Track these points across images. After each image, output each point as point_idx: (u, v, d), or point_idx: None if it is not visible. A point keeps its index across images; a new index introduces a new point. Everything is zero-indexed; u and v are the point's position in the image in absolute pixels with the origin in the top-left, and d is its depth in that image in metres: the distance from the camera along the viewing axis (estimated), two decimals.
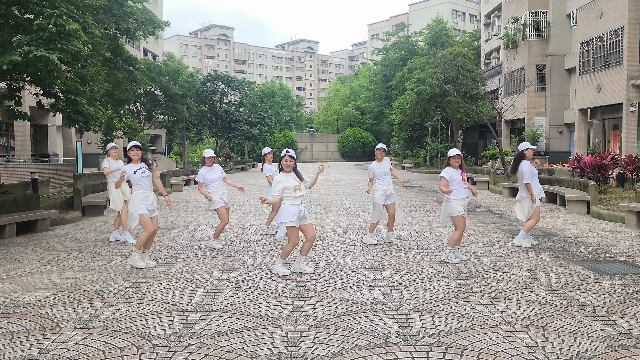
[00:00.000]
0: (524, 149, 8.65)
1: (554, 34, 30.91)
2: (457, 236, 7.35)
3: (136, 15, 17.34)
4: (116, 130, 17.08)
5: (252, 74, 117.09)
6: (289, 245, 6.63)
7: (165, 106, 32.57)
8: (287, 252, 6.72)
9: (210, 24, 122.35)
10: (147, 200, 7.21)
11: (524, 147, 8.69)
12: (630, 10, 21.86)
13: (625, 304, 5.35)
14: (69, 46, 10.02)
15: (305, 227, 6.65)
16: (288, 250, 6.69)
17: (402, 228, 10.64)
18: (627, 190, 14.63)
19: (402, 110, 34.15)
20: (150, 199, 7.24)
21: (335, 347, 4.23)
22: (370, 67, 64.87)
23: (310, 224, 6.75)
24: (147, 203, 7.21)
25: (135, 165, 7.28)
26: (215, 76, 44.85)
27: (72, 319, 5.00)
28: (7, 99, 12.01)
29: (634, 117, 21.80)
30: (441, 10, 68.90)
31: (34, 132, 26.75)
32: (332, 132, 75.64)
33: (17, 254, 8.38)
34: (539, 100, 31.53)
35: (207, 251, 8.42)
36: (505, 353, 4.10)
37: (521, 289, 5.93)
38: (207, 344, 4.32)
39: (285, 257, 6.77)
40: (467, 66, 30.58)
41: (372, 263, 7.38)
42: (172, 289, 6.04)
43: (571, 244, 8.76)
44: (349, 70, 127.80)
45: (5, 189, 13.98)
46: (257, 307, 5.32)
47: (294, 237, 6.57)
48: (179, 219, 12.48)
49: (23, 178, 19.75)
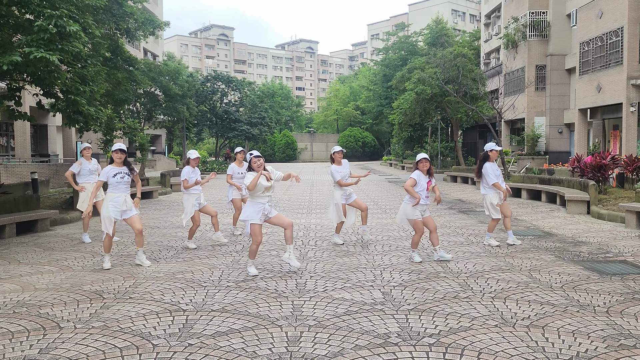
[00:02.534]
0: (488, 150, 8.65)
1: (554, 34, 30.91)
2: (417, 238, 7.46)
3: (136, 15, 17.34)
4: (116, 130, 17.07)
5: (252, 74, 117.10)
6: (253, 244, 6.67)
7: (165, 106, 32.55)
8: (253, 251, 6.74)
9: (210, 24, 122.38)
10: (116, 200, 7.16)
11: (488, 148, 8.69)
12: (630, 10, 21.86)
13: (625, 304, 5.35)
14: (69, 47, 10.02)
15: (277, 218, 6.72)
16: (253, 249, 6.72)
17: (402, 228, 10.64)
18: (627, 190, 14.63)
19: (402, 110, 34.15)
20: (120, 199, 7.17)
21: (335, 347, 4.24)
22: (370, 67, 64.86)
23: (279, 214, 6.78)
24: (117, 203, 7.15)
25: (117, 168, 7.24)
26: (215, 76, 44.84)
27: (72, 319, 5.00)
28: (7, 99, 12.00)
29: (634, 117, 21.80)
30: (441, 10, 68.90)
31: (34, 132, 26.75)
32: (332, 132, 75.62)
33: (17, 254, 8.38)
34: (539, 100, 31.53)
35: (207, 251, 8.43)
36: (505, 353, 4.10)
37: (521, 289, 5.93)
38: (207, 344, 4.32)
39: (253, 256, 6.80)
40: (467, 66, 30.60)
41: (372, 263, 7.38)
42: (172, 289, 6.04)
43: (571, 244, 8.76)
44: (349, 70, 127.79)
45: (5, 189, 13.98)
46: (257, 307, 5.32)
47: (257, 236, 6.59)
48: (178, 219, 12.48)
49: (23, 178, 19.75)
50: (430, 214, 7.54)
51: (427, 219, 7.45)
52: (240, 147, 10.70)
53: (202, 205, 8.78)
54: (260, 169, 6.58)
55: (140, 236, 7.33)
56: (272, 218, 6.73)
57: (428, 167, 7.43)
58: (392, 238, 9.47)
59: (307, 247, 8.70)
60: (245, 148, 51.97)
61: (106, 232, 7.16)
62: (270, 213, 6.69)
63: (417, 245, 7.60)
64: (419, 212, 7.38)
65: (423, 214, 7.43)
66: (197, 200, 8.66)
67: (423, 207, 7.42)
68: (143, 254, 7.42)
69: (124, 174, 7.23)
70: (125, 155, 7.36)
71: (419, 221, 7.38)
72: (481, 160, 8.71)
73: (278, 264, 7.35)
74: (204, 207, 8.79)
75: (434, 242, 7.53)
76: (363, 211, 9.01)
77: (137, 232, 7.30)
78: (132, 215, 7.26)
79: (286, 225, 6.74)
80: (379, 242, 9.01)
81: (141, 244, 7.38)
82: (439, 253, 7.54)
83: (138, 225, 7.26)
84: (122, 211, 7.21)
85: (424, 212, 7.44)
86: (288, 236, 6.75)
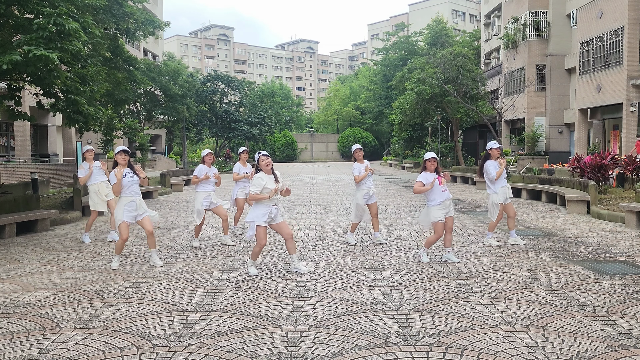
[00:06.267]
0: (489, 149, 8.64)
1: (554, 34, 30.90)
2: (433, 239, 7.39)
3: (136, 15, 17.36)
4: (116, 130, 17.09)
5: (252, 74, 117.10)
6: (257, 246, 6.66)
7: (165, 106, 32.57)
8: (256, 253, 6.75)
9: (210, 24, 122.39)
10: (131, 205, 7.20)
11: (489, 146, 8.65)
12: (630, 10, 21.87)
13: (625, 304, 5.35)
14: (68, 46, 10.03)
15: (279, 227, 6.68)
16: (256, 251, 6.72)
17: (402, 228, 10.65)
18: (627, 190, 14.63)
19: (402, 110, 34.16)
20: (135, 204, 7.22)
21: (335, 347, 4.23)
22: (370, 67, 64.88)
23: (283, 222, 6.75)
24: (131, 208, 7.20)
25: (124, 170, 7.27)
26: (215, 76, 44.88)
27: (72, 319, 5.00)
28: (7, 99, 12.01)
29: (634, 117, 21.80)
30: (441, 10, 68.92)
31: (34, 132, 26.75)
32: (332, 132, 75.62)
33: (17, 254, 8.38)
34: (539, 100, 31.52)
35: (207, 251, 8.43)
36: (505, 353, 4.10)
37: (521, 289, 5.93)
38: (207, 344, 4.32)
39: (255, 258, 6.80)
40: (467, 66, 30.60)
41: (372, 263, 7.38)
42: (172, 289, 6.04)
43: (571, 244, 8.76)
44: (349, 70, 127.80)
45: (5, 189, 13.98)
46: (257, 307, 5.32)
47: (261, 238, 6.56)
48: (179, 219, 12.48)
49: (23, 178, 19.75)
50: (453, 215, 7.46)
51: (449, 218, 7.37)
52: (243, 147, 10.73)
53: (214, 205, 8.76)
54: (268, 167, 6.59)
55: (152, 237, 7.36)
56: (275, 224, 6.68)
57: (436, 167, 7.38)
58: (392, 238, 9.47)
59: (307, 247, 8.70)
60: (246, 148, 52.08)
61: (119, 234, 7.19)
62: (276, 218, 6.65)
63: (430, 247, 7.53)
64: (443, 214, 7.30)
65: (447, 214, 7.34)
66: (206, 199, 8.66)
67: (445, 204, 7.30)
68: (156, 255, 7.46)
69: (132, 174, 7.29)
70: (129, 157, 7.39)
71: (441, 224, 7.30)
72: (483, 159, 8.71)
73: (278, 264, 7.35)
74: (215, 208, 8.77)
75: (447, 243, 7.49)
76: (373, 217, 8.95)
77: (148, 234, 7.33)
78: (144, 217, 7.31)
79: (286, 235, 6.70)
80: (379, 242, 9.00)
81: (153, 245, 7.42)
82: (447, 254, 7.49)
83: (149, 227, 7.29)
84: (136, 215, 7.25)
85: (447, 212, 7.35)
86: (290, 247, 6.77)
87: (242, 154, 10.02)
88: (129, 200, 7.20)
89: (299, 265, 6.85)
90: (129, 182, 7.21)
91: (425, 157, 7.43)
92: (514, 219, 8.81)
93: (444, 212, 7.31)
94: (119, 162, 7.26)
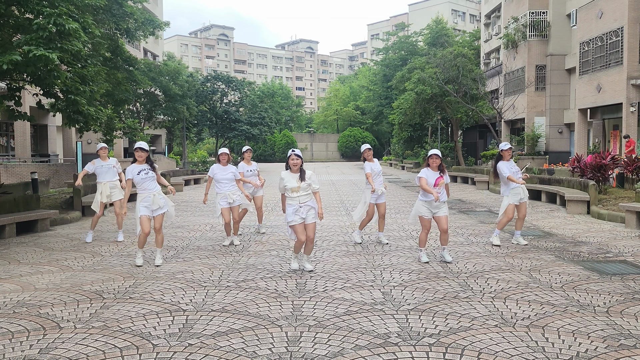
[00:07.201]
0: (500, 150, 8.65)
1: (554, 34, 30.89)
2: (423, 236, 7.46)
3: (136, 15, 17.34)
4: (116, 130, 17.08)
5: (252, 74, 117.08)
6: (297, 242, 6.83)
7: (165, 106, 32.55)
8: (296, 247, 6.94)
9: (210, 24, 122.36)
10: (147, 200, 7.31)
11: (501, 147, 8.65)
12: (630, 10, 21.86)
13: (625, 304, 5.35)
14: (68, 46, 10.02)
15: (306, 227, 6.78)
16: (297, 246, 6.91)
17: (402, 228, 10.65)
18: (627, 190, 14.63)
19: (402, 110, 34.14)
20: (150, 198, 7.32)
21: (335, 347, 4.23)
22: (370, 67, 64.83)
23: (312, 224, 6.80)
24: (147, 203, 7.31)
25: (140, 166, 7.39)
26: (215, 76, 44.83)
27: (72, 319, 5.00)
28: (7, 99, 12.00)
29: (634, 117, 21.80)
30: (441, 10, 68.90)
31: (34, 132, 26.75)
32: (332, 132, 75.60)
33: (17, 254, 8.38)
34: (539, 100, 31.51)
35: (207, 251, 8.43)
36: (505, 353, 4.10)
37: (521, 289, 5.93)
38: (207, 344, 4.32)
39: (298, 251, 6.99)
40: (467, 66, 30.59)
41: (372, 263, 7.38)
42: (172, 289, 6.04)
43: (571, 244, 8.76)
44: (349, 70, 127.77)
45: (5, 189, 13.98)
46: (257, 307, 5.32)
47: (299, 234, 6.72)
48: (179, 219, 12.48)
49: (23, 178, 19.75)
50: (446, 214, 7.42)
51: (441, 218, 7.35)
52: (247, 146, 10.77)
53: (233, 205, 8.84)
54: (296, 167, 6.69)
55: (159, 235, 7.47)
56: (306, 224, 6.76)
57: (439, 164, 7.37)
58: (392, 238, 9.47)
59: None
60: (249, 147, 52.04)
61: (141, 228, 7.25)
62: (307, 218, 6.74)
63: (424, 244, 7.56)
64: (427, 209, 7.33)
65: (434, 211, 7.36)
66: (223, 199, 8.76)
67: (431, 205, 7.32)
68: (160, 255, 7.52)
69: (147, 170, 7.38)
70: (147, 154, 7.48)
71: (426, 219, 7.35)
72: (495, 160, 8.69)
73: (278, 264, 7.35)
74: (233, 208, 8.86)
75: (442, 242, 7.52)
76: (380, 217, 8.96)
77: (155, 230, 7.47)
78: (159, 213, 7.43)
79: (307, 238, 6.78)
80: (381, 242, 9.00)
81: (159, 244, 7.51)
82: (441, 252, 7.54)
83: (157, 224, 7.44)
84: (153, 210, 7.36)
85: (435, 210, 7.36)
86: (306, 249, 6.93)
87: (245, 153, 10.08)
88: (144, 196, 7.33)
89: (306, 263, 6.98)
90: (142, 179, 7.31)
91: (428, 153, 7.42)
92: (523, 220, 8.80)
93: (431, 210, 7.34)
94: (137, 158, 7.39)
